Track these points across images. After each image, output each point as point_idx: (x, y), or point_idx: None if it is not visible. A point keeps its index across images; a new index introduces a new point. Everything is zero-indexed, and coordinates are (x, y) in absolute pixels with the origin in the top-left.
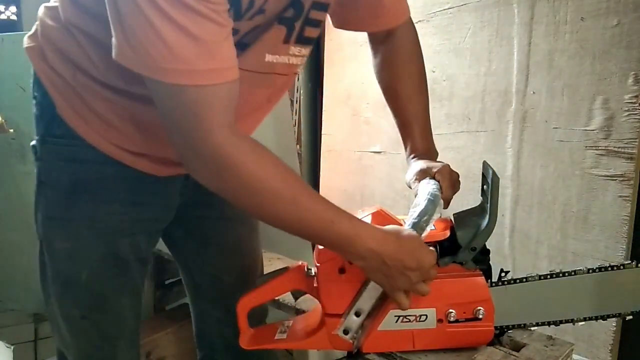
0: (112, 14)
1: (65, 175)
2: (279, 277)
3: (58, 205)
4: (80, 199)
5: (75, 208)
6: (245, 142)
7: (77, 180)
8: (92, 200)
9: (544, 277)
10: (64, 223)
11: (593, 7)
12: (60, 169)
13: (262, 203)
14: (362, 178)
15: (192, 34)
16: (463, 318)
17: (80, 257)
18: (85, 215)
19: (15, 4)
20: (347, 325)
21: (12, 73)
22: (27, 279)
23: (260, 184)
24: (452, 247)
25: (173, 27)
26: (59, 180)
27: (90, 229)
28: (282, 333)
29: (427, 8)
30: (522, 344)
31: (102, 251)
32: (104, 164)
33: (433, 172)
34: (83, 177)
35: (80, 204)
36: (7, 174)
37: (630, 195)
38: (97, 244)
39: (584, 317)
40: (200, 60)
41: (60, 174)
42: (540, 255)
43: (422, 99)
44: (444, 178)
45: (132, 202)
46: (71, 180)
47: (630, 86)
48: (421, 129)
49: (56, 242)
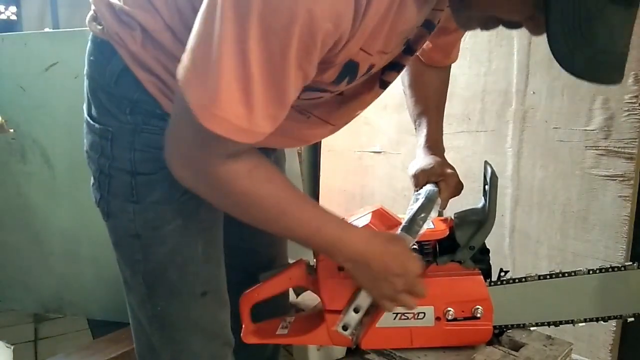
0: (201, 32)
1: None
2: (282, 273)
3: (164, 189)
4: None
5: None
6: (242, 167)
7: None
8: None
9: (543, 277)
10: (174, 204)
11: None
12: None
13: (254, 218)
14: (362, 178)
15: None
16: (461, 317)
17: (193, 230)
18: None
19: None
20: (346, 321)
21: (12, 73)
22: (27, 279)
23: (251, 204)
24: (451, 246)
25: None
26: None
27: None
28: (283, 328)
29: None
30: (521, 343)
31: (206, 220)
32: None
33: (440, 179)
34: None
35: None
36: (7, 174)
37: (630, 195)
38: (201, 215)
39: (584, 319)
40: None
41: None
42: (540, 255)
43: (444, 96)
44: (446, 187)
45: None
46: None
47: (630, 86)
48: (438, 119)
49: (167, 226)
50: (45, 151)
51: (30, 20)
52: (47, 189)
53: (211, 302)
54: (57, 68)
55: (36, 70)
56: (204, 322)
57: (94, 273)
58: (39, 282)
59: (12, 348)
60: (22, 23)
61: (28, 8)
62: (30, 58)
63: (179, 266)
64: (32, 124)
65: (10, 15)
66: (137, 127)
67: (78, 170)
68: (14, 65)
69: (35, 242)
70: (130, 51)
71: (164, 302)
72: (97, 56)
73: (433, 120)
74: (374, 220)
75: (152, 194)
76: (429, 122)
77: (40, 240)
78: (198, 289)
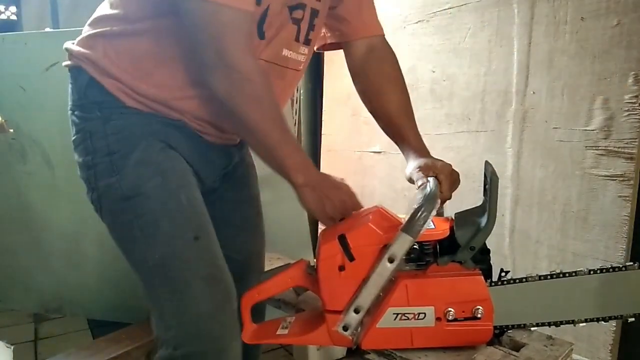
0: None
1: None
2: (282, 273)
3: (136, 156)
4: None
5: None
6: (255, 65)
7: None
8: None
9: (544, 277)
10: (150, 165)
11: (593, 7)
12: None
13: (255, 113)
14: (362, 178)
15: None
16: (462, 317)
17: (172, 185)
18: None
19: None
20: (347, 321)
21: (12, 73)
22: (27, 279)
23: (259, 98)
24: (451, 246)
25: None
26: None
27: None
28: (283, 329)
29: (427, 8)
30: (521, 343)
31: (186, 173)
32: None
33: (436, 170)
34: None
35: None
36: (7, 174)
37: (630, 195)
38: (180, 169)
39: (584, 319)
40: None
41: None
42: (540, 255)
43: (410, 110)
44: (445, 178)
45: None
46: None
47: (630, 86)
48: (415, 136)
49: (148, 183)
50: (45, 151)
51: (30, 20)
52: (47, 189)
53: (205, 247)
54: (57, 68)
55: (36, 70)
56: (201, 265)
57: (94, 273)
58: (39, 282)
59: (12, 348)
60: (22, 23)
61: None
62: (30, 58)
63: (169, 216)
64: (32, 124)
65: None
66: (106, 118)
67: (78, 170)
68: (14, 65)
69: (35, 242)
70: (93, 61)
71: (160, 250)
72: (71, 85)
73: (408, 131)
74: (374, 221)
75: (127, 162)
76: (405, 134)
77: (40, 241)
78: (189, 234)
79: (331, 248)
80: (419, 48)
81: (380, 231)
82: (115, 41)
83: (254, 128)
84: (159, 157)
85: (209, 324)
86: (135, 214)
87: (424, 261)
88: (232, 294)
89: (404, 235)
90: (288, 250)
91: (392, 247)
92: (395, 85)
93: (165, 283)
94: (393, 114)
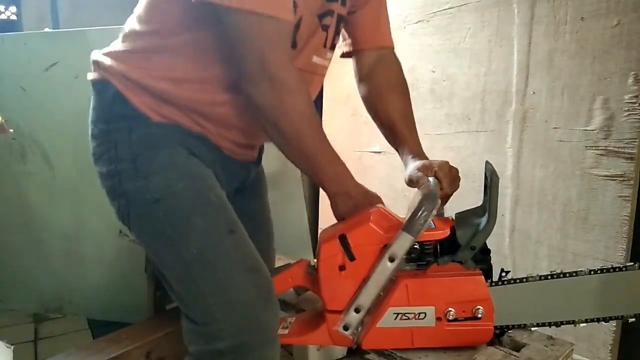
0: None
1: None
2: (282, 273)
3: (162, 160)
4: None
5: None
6: (297, 76)
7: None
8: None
9: (544, 277)
10: (176, 168)
11: (593, 7)
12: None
13: (295, 124)
14: (362, 178)
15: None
16: (462, 317)
17: (200, 185)
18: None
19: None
20: (347, 321)
21: (12, 73)
22: (27, 279)
23: (300, 110)
24: (452, 246)
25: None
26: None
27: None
28: (284, 329)
29: (427, 8)
30: (522, 343)
31: (211, 177)
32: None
33: (434, 169)
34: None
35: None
36: (7, 174)
37: (630, 195)
38: (205, 173)
39: (585, 319)
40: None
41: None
42: (540, 255)
43: (412, 118)
44: (445, 175)
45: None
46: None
47: (630, 86)
48: (415, 143)
49: (177, 185)
50: (45, 151)
51: (30, 20)
52: (47, 189)
53: (241, 240)
54: (57, 68)
55: (36, 70)
56: (240, 256)
57: (94, 273)
58: (39, 282)
59: (12, 348)
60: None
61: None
62: (30, 58)
63: (201, 212)
64: (32, 124)
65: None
66: (131, 129)
67: (78, 171)
68: (14, 65)
69: (35, 242)
70: (123, 75)
71: (197, 244)
72: (95, 98)
73: (408, 138)
74: (375, 221)
75: (152, 166)
76: (405, 141)
77: (40, 241)
78: (224, 227)
79: (332, 247)
80: (419, 48)
81: (380, 231)
82: (148, 55)
83: (294, 139)
84: (185, 162)
85: (257, 314)
86: (166, 214)
87: (425, 261)
88: (273, 285)
89: (404, 235)
90: (288, 250)
91: (392, 246)
92: (399, 92)
93: (207, 275)
94: (394, 121)
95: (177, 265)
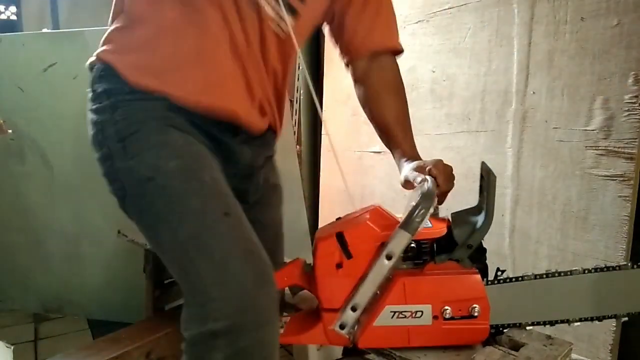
0: None
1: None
2: (277, 272)
3: (150, 140)
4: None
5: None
6: None
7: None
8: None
9: (539, 276)
10: (167, 147)
11: (593, 7)
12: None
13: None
14: (362, 178)
15: None
16: (459, 315)
17: (194, 166)
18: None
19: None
20: (344, 320)
21: (11, 73)
22: (27, 279)
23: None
24: (449, 245)
25: None
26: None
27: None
28: (279, 328)
29: (427, 8)
30: (521, 343)
31: (205, 156)
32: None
33: (428, 168)
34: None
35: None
36: (7, 175)
37: (630, 195)
38: (196, 151)
39: (579, 318)
40: None
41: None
42: (540, 255)
43: (408, 120)
44: (440, 172)
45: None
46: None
47: (630, 86)
48: (410, 146)
49: (168, 164)
50: (44, 151)
51: (30, 20)
52: (46, 190)
53: (237, 222)
54: (56, 69)
55: (35, 70)
56: (236, 238)
57: (94, 273)
58: (39, 282)
59: (12, 348)
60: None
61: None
62: (29, 59)
63: (195, 193)
64: (30, 125)
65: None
66: (114, 105)
67: (77, 171)
68: (13, 66)
69: (35, 243)
70: (111, 46)
71: (192, 224)
72: (91, 80)
73: (402, 140)
74: (372, 219)
75: (142, 145)
76: (400, 143)
77: (40, 241)
78: (219, 210)
79: (329, 246)
80: (419, 48)
81: (377, 228)
82: (131, 28)
83: None
84: (175, 139)
85: (254, 295)
86: (160, 193)
87: (421, 259)
88: (270, 268)
89: (402, 232)
90: (287, 250)
91: (390, 244)
92: (395, 93)
93: (203, 254)
94: (389, 123)
95: (173, 245)
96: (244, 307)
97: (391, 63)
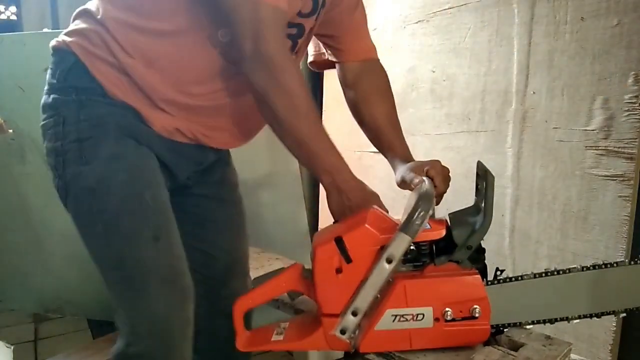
0: None
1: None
2: (275, 278)
3: (107, 148)
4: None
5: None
6: (290, 60)
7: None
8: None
9: (539, 275)
10: (120, 161)
11: (593, 7)
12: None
13: (287, 103)
14: (362, 178)
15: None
16: (459, 317)
17: (139, 183)
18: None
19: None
20: (344, 325)
21: (11, 73)
22: (27, 279)
23: (292, 89)
24: (448, 246)
25: None
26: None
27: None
28: (278, 335)
29: (427, 8)
30: (520, 343)
31: (155, 172)
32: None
33: (426, 169)
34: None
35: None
36: (7, 175)
37: (630, 195)
38: (149, 168)
39: (578, 315)
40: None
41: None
42: (540, 255)
43: (397, 121)
44: (437, 173)
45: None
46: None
47: (630, 86)
48: (402, 146)
49: (115, 178)
50: (44, 151)
51: (30, 20)
52: (46, 190)
53: (164, 248)
54: None
55: (35, 70)
56: (158, 266)
57: (94, 273)
58: (39, 282)
59: (12, 348)
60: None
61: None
62: (29, 58)
63: (131, 213)
64: (31, 125)
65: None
66: (81, 103)
67: None
68: (13, 65)
69: (35, 243)
70: (89, 42)
71: (120, 246)
72: (52, 66)
73: (394, 141)
74: (370, 221)
75: (98, 153)
76: (392, 144)
77: (40, 241)
78: (149, 233)
79: (328, 250)
80: (419, 48)
81: (377, 232)
82: (125, 30)
83: (286, 119)
84: (130, 153)
85: (162, 325)
86: (99, 209)
87: (421, 262)
88: (188, 296)
89: (402, 235)
90: (287, 251)
91: (390, 247)
92: (384, 97)
93: (122, 281)
94: (381, 125)
95: (102, 263)
96: (151, 335)
97: (381, 70)
